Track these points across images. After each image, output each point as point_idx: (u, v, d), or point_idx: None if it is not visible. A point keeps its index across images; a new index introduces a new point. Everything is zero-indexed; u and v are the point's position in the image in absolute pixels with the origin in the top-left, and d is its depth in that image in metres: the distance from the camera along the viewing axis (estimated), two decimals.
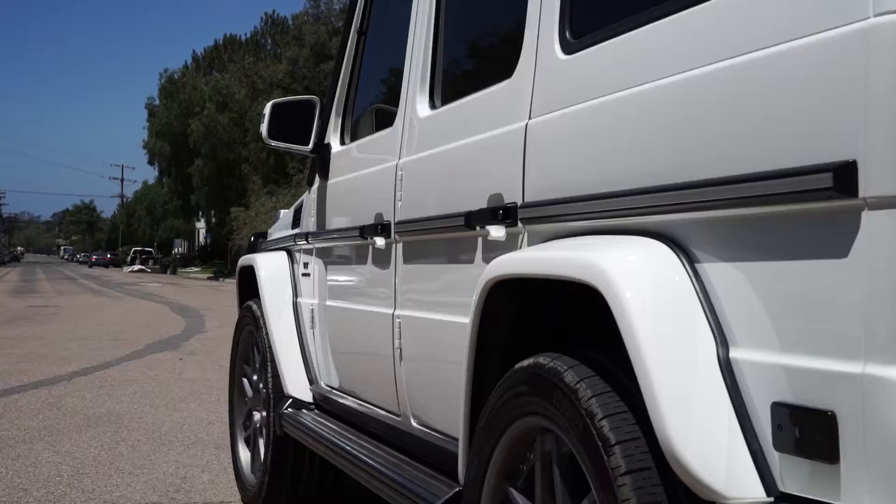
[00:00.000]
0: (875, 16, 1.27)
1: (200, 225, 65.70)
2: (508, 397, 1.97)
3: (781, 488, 1.45)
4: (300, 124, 3.81)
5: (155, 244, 78.02)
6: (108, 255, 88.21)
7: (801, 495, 1.40)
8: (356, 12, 3.71)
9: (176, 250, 72.17)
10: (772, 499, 1.45)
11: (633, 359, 1.57)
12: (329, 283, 3.73)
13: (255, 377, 4.35)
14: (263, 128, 3.81)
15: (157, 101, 58.22)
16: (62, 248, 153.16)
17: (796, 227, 1.41)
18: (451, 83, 2.86)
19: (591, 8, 2.13)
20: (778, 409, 1.43)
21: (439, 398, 2.62)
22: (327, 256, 3.77)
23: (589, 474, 1.69)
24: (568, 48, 2.11)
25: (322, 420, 3.65)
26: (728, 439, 1.49)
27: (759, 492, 1.46)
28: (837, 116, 1.32)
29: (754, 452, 1.48)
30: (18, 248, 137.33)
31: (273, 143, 3.80)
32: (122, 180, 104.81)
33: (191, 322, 16.48)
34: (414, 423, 2.85)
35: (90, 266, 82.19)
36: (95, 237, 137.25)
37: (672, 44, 1.71)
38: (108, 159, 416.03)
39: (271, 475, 4.06)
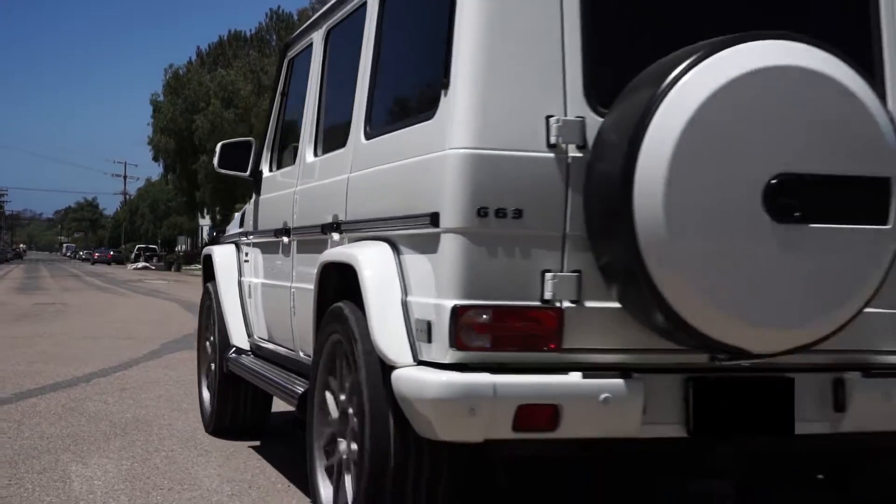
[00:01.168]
0: (448, 149, 2.92)
1: (205, 222, 65.14)
2: (326, 325, 3.65)
3: (419, 359, 3.02)
4: (242, 157, 5.43)
5: (159, 241, 77.49)
6: (110, 253, 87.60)
7: (424, 359, 2.99)
8: (280, 80, 5.36)
9: (180, 247, 71.67)
10: (414, 363, 3.01)
11: (364, 301, 3.20)
12: (260, 266, 5.28)
13: (211, 337, 5.90)
14: (216, 160, 5.45)
15: (161, 97, 57.65)
16: (64, 245, 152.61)
17: (423, 239, 3.06)
18: (321, 143, 4.45)
19: (373, 120, 3.74)
20: (418, 321, 3.04)
21: (308, 335, 4.01)
22: (259, 248, 5.31)
23: (350, 357, 3.36)
24: (366, 137, 3.76)
25: (254, 360, 5.12)
26: (404, 337, 3.08)
27: (410, 360, 3.03)
28: (433, 192, 2.98)
29: (410, 343, 3.06)
30: (21, 246, 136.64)
31: (223, 170, 5.43)
32: (125, 177, 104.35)
33: None
34: (301, 354, 4.40)
35: (92, 263, 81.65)
36: (98, 234, 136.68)
37: (393, 148, 3.42)
38: (111, 156, 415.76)
39: (219, 403, 5.67)
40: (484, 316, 2.88)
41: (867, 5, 3.28)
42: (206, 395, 6.05)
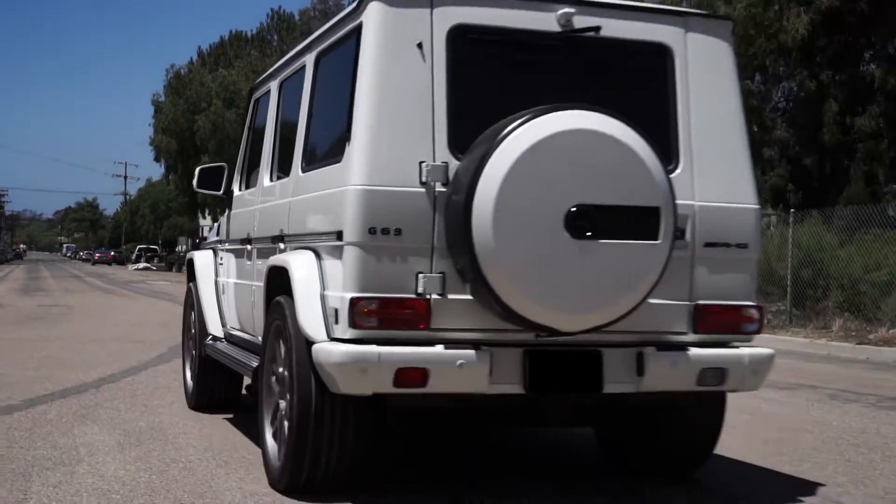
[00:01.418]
0: (349, 185, 4.08)
1: (205, 222, 64.93)
2: (270, 314, 4.74)
3: (331, 336, 4.09)
4: (216, 179, 6.67)
5: (160, 242, 77.27)
6: (111, 254, 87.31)
7: (333, 336, 4.08)
8: (248, 116, 6.70)
9: (181, 248, 71.44)
10: (327, 339, 4.08)
11: (294, 295, 4.33)
12: (231, 268, 6.36)
13: (192, 327, 7.01)
14: (195, 181, 6.70)
15: (162, 98, 57.46)
16: (64, 245, 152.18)
17: (333, 249, 4.18)
18: (275, 171, 5.57)
19: (307, 157, 4.89)
20: (330, 309, 4.13)
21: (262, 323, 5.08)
22: (230, 253, 6.41)
23: (285, 336, 4.44)
24: (302, 171, 4.90)
25: (226, 346, 6.17)
26: (321, 320, 4.16)
27: (324, 337, 4.11)
28: (339, 215, 4.13)
29: (325, 325, 4.13)
30: (21, 246, 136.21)
31: (200, 190, 6.79)
32: (126, 177, 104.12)
33: None
34: (259, 338, 5.19)
35: (93, 264, 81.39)
36: (98, 235, 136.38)
37: (317, 180, 4.59)
38: (112, 157, 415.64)
39: (198, 381, 6.78)
40: (373, 304, 4.03)
41: (665, 83, 4.47)
42: (188, 376, 7.14)
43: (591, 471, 5.37)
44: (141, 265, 65.28)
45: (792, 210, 15.92)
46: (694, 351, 4.30)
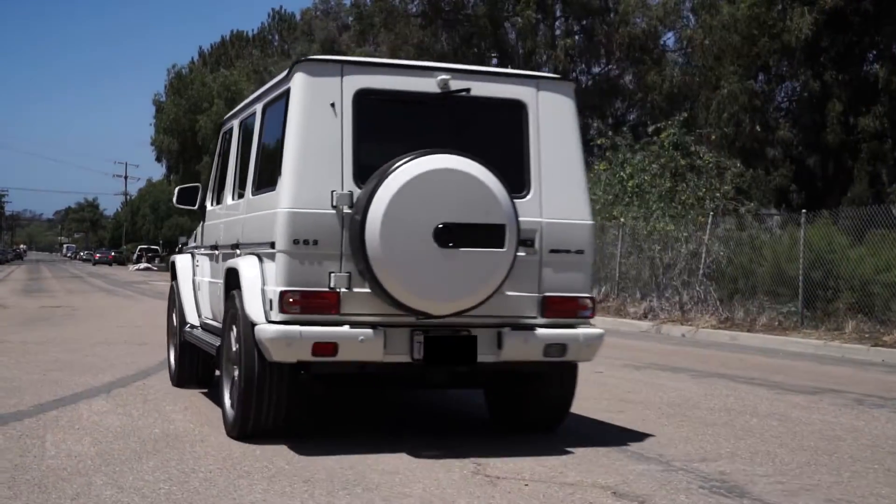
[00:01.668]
0: (280, 208, 5.53)
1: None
2: (228, 304, 6.13)
3: (268, 319, 5.50)
4: (192, 196, 8.15)
5: (160, 242, 77.06)
6: (111, 254, 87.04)
7: (270, 319, 5.48)
8: (218, 144, 7.86)
9: (181, 248, 71.18)
10: (266, 321, 5.49)
11: (242, 289, 5.76)
12: (205, 269, 7.57)
13: (174, 318, 8.39)
14: (174, 199, 8.25)
15: (164, 98, 57.29)
16: (64, 245, 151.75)
17: (270, 255, 5.59)
18: (236, 192, 6.80)
19: (256, 184, 6.22)
20: (267, 299, 5.54)
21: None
22: (204, 257, 7.64)
23: (237, 322, 5.84)
24: (252, 194, 6.27)
25: (200, 332, 7.36)
26: (261, 307, 5.55)
27: (263, 320, 5.52)
28: (273, 230, 5.55)
29: (264, 311, 5.53)
30: (21, 246, 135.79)
31: (180, 206, 8.20)
32: (126, 178, 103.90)
33: None
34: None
35: (93, 264, 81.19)
36: (98, 235, 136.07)
37: (261, 203, 6.00)
38: (112, 157, 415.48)
39: (179, 363, 8.11)
40: (297, 296, 5.43)
41: (521, 131, 5.86)
42: (172, 358, 8.39)
43: (480, 424, 7.19)
44: (142, 265, 65.06)
45: (804, 211, 15.74)
46: (541, 330, 5.69)
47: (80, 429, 6.19)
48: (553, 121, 5.88)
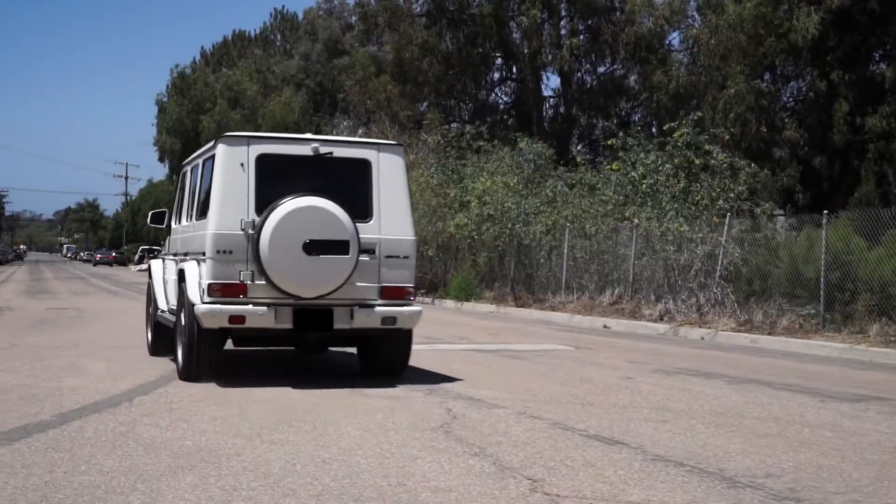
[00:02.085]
0: (208, 230, 8.61)
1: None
2: (179, 294, 9.24)
3: (202, 301, 8.54)
4: (161, 217, 11.50)
5: (161, 242, 76.77)
6: (112, 254, 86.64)
7: (203, 301, 8.51)
8: (178, 181, 11.33)
9: None
10: (200, 303, 8.55)
11: (187, 283, 8.84)
12: (171, 270, 10.10)
13: (150, 308, 11.23)
14: (148, 220, 11.68)
15: (166, 98, 56.98)
16: (65, 246, 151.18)
17: (202, 260, 8.61)
18: (187, 217, 10.05)
19: (197, 213, 9.48)
20: (201, 289, 8.57)
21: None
22: (170, 261, 10.30)
23: (184, 305, 8.91)
24: (196, 220, 9.43)
25: (167, 314, 10.01)
26: (197, 294, 8.60)
27: (199, 302, 8.55)
28: (204, 244, 8.63)
29: (199, 296, 8.56)
30: (22, 247, 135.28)
31: (153, 225, 11.62)
32: (127, 178, 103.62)
33: None
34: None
35: (94, 265, 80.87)
36: (98, 235, 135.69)
37: (199, 226, 9.11)
38: (112, 157, 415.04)
39: (153, 340, 10.96)
40: (218, 286, 8.33)
41: (367, 180, 8.79)
42: (149, 335, 11.15)
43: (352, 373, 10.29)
44: (144, 266, 64.70)
45: (825, 212, 15.47)
46: (379, 308, 8.60)
47: (107, 441, 5.92)
48: (388, 172, 8.84)
